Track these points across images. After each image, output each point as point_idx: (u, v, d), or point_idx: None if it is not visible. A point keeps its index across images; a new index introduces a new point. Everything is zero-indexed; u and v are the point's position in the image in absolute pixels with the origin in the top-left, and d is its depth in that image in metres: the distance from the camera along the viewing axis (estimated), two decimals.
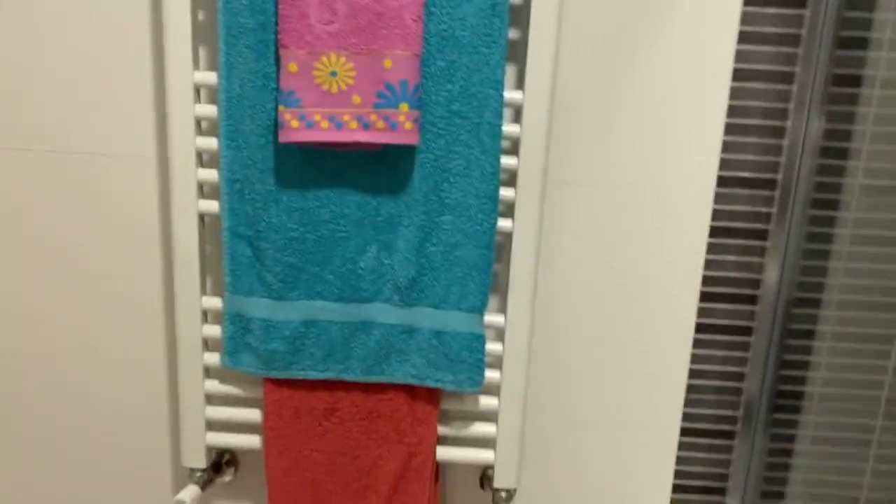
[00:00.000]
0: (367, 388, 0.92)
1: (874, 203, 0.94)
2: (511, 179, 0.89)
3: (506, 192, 0.87)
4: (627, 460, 1.03)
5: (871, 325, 0.98)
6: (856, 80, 0.91)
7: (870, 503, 1.04)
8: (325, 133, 0.80)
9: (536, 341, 0.99)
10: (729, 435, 1.01)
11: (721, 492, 1.03)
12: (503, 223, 0.88)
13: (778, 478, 1.04)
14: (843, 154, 0.93)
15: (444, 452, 0.97)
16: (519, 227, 0.88)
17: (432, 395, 0.93)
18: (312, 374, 0.91)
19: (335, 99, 0.80)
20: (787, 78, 0.90)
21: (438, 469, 1.00)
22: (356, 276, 0.87)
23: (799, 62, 0.89)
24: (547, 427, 1.02)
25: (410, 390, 0.92)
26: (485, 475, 1.04)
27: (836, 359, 0.99)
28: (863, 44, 0.89)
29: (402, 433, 0.93)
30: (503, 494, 0.98)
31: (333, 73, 0.79)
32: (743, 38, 0.89)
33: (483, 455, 0.97)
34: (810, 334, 0.99)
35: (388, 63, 0.78)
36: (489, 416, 0.98)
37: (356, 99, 0.79)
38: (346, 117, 0.80)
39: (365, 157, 0.85)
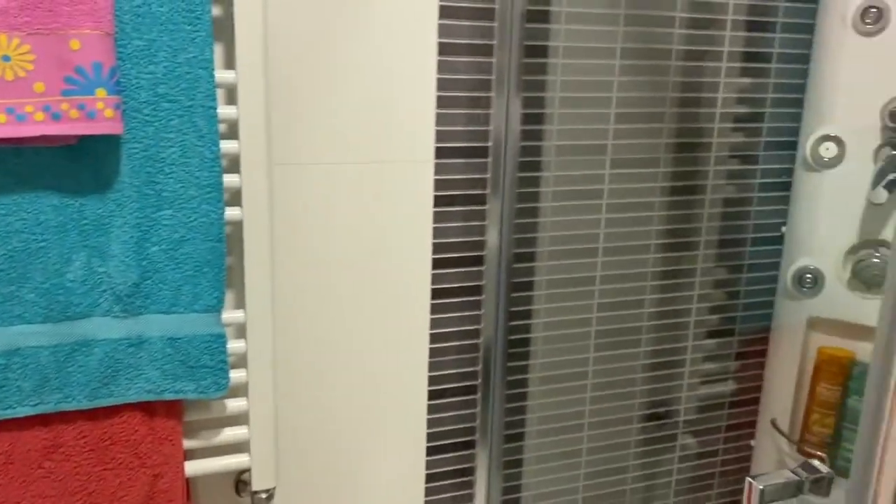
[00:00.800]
0: (94, 414, 0.81)
1: (567, 161, 1.05)
2: (233, 165, 0.84)
3: (230, 179, 0.82)
4: (381, 432, 1.04)
5: (576, 270, 1.10)
6: (543, 51, 1.00)
7: (591, 426, 1.18)
8: (2, 128, 0.68)
9: (279, 332, 0.95)
10: (472, 389, 1.07)
11: (471, 445, 1.09)
12: (231, 212, 0.83)
13: (517, 420, 1.13)
14: (540, 119, 1.02)
15: (194, 467, 0.89)
16: (248, 215, 0.84)
17: (173, 409, 0.85)
18: (23, 411, 0.78)
19: (12, 88, 0.68)
20: (487, 50, 0.96)
21: (188, 485, 0.93)
22: (65, 291, 0.76)
23: (495, 35, 0.95)
24: (299, 417, 0.99)
25: (147, 408, 0.83)
26: (240, 480, 0.98)
27: (553, 304, 1.10)
28: (546, 17, 0.98)
29: (142, 456, 0.84)
30: (263, 496, 0.94)
31: (6, 58, 0.67)
32: (444, 12, 0.93)
33: (237, 460, 0.91)
34: (530, 285, 1.08)
35: (75, 44, 0.68)
36: (239, 420, 0.92)
37: (39, 87, 0.68)
38: (28, 108, 0.68)
39: (58, 153, 0.74)
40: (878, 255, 1.05)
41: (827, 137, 1.07)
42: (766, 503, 0.57)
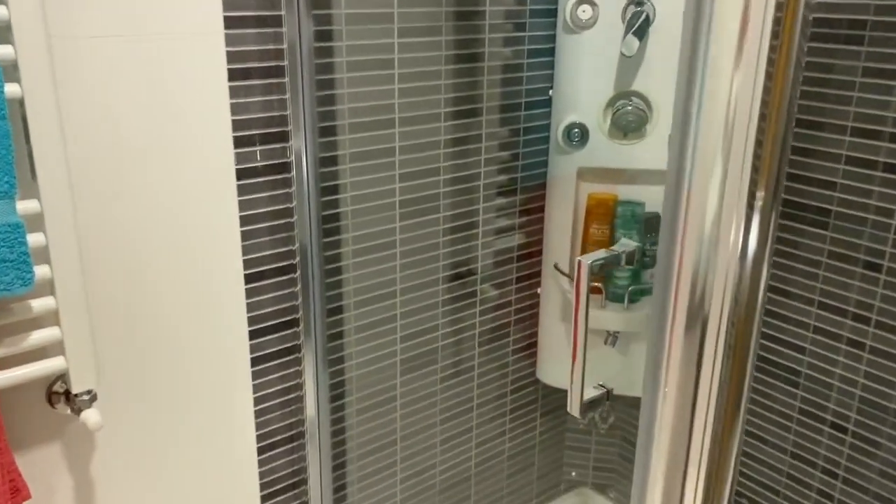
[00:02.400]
0: None
1: (358, 31, 1.06)
2: (3, 35, 0.74)
3: (3, 51, 0.73)
4: (201, 321, 1.02)
5: (377, 142, 1.13)
6: None
7: (403, 292, 1.24)
8: None
9: (80, 222, 0.88)
10: (290, 269, 1.08)
11: (294, 323, 1.11)
12: (9, 88, 0.74)
13: (336, 295, 1.16)
14: (329, 4, 1.02)
15: (1, 379, 0.81)
16: (29, 92, 0.75)
17: None
18: None
19: None
20: None
21: None
22: None
23: None
24: (113, 312, 0.93)
25: None
26: (52, 391, 0.91)
27: (360, 177, 1.13)
28: None
29: None
30: (85, 397, 0.88)
31: None
32: None
33: (51, 364, 0.85)
34: (335, 160, 1.09)
35: None
36: (47, 320, 0.85)
37: None
38: None
39: None
40: (630, 104, 1.21)
41: (582, 0, 1.19)
42: (594, 275, 0.67)
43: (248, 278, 1.05)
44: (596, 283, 1.31)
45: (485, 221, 1.32)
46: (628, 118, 1.21)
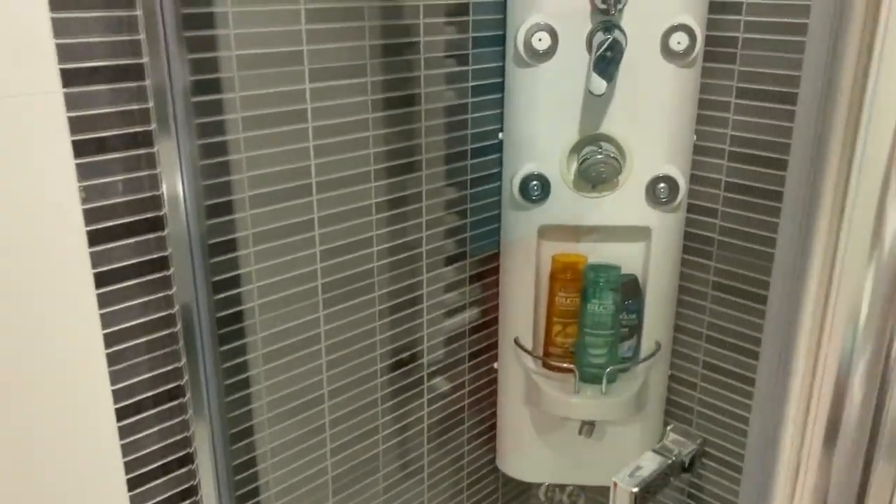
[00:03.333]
0: None
1: (253, 77, 0.81)
2: None
3: None
4: (62, 477, 0.75)
5: (289, 216, 0.88)
6: None
7: (332, 395, 0.99)
8: None
9: None
10: (178, 392, 0.81)
11: (188, 459, 0.84)
12: None
13: (242, 415, 0.90)
14: (211, 21, 0.76)
15: None
16: None
17: None
18: None
19: None
20: None
21: None
22: None
23: None
24: None
25: None
26: None
27: (267, 262, 0.87)
28: None
29: None
30: None
31: None
32: None
33: None
34: (233, 244, 0.83)
35: None
36: None
37: None
38: None
39: None
40: (601, 151, 1.00)
41: (538, 27, 0.96)
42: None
43: (121, 413, 0.78)
44: (566, 365, 1.09)
45: (430, 295, 1.08)
46: (599, 169, 0.99)
